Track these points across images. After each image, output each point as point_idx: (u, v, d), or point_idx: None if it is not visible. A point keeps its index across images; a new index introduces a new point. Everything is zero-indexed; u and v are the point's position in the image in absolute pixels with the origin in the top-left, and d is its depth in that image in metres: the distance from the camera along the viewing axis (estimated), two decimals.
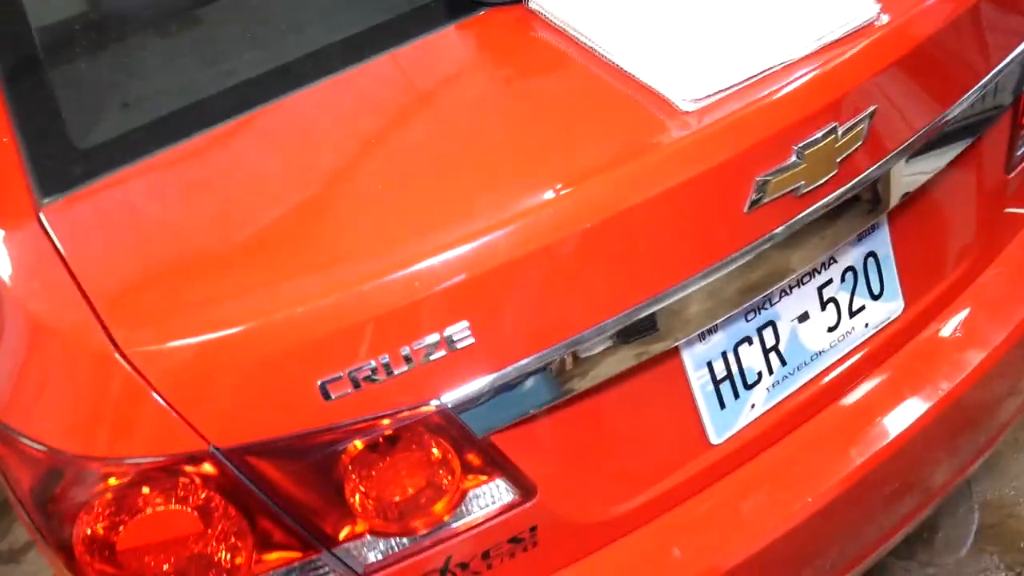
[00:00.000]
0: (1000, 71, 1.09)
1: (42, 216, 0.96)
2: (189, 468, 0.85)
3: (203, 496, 0.86)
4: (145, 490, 0.85)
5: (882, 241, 1.15)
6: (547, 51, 1.03)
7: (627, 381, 0.99)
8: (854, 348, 1.17)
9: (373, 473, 0.90)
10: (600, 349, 0.92)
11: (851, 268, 1.13)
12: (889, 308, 1.18)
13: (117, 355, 0.83)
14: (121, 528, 0.86)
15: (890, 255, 1.16)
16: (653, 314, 0.92)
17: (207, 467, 0.85)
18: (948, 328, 1.24)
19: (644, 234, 0.89)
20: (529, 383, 0.90)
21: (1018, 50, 1.12)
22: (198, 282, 0.88)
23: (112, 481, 0.85)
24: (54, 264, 0.91)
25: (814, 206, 0.97)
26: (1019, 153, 1.24)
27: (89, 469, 0.85)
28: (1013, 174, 1.24)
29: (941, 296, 1.23)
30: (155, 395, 0.82)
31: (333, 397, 0.83)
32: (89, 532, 0.86)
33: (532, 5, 1.07)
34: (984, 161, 1.20)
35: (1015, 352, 1.24)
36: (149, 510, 0.86)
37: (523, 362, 0.88)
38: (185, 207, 0.96)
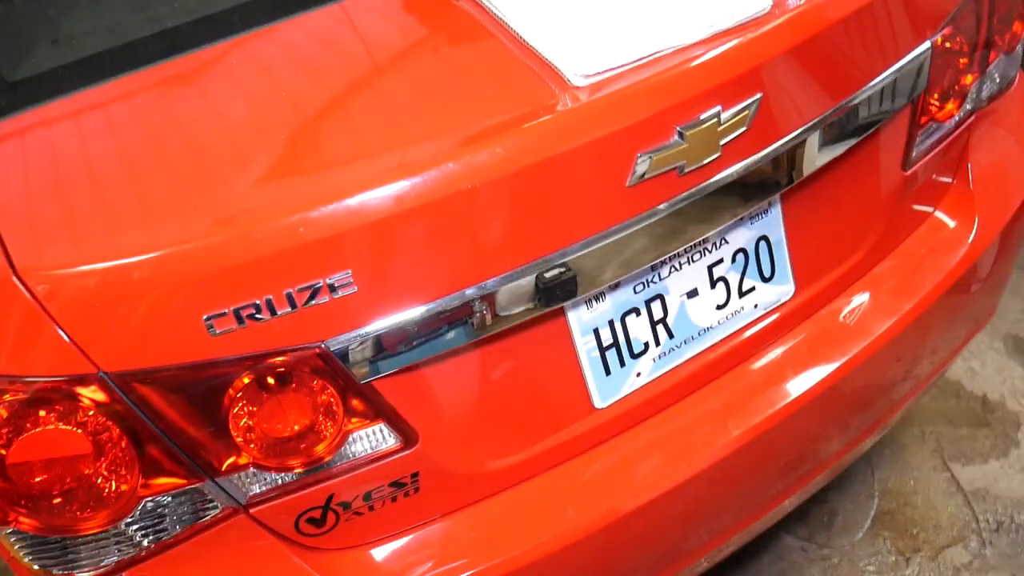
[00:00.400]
0: (891, 74, 1.15)
1: None
2: (79, 390, 0.89)
3: (91, 419, 0.91)
4: (36, 409, 0.90)
5: (775, 226, 1.20)
6: (462, 20, 1.07)
7: (512, 341, 1.04)
8: (743, 327, 1.22)
9: (256, 409, 0.94)
10: (482, 308, 0.97)
11: (742, 250, 1.19)
12: (779, 291, 1.24)
13: (15, 278, 0.87)
14: (12, 443, 0.91)
15: (783, 240, 1.22)
16: (534, 277, 0.97)
17: (96, 390, 0.89)
18: (837, 314, 1.30)
19: (527, 198, 0.94)
20: (410, 334, 0.95)
21: (912, 55, 1.17)
22: (98, 214, 0.92)
23: (6, 397, 0.89)
24: None
25: (697, 186, 1.02)
26: (915, 152, 1.30)
27: None
28: (911, 171, 1.30)
29: (833, 283, 1.29)
30: (49, 318, 0.86)
31: (218, 332, 0.88)
32: None
33: None
34: (881, 157, 1.26)
35: (899, 341, 1.31)
36: (39, 428, 0.90)
37: (404, 313, 0.93)
38: (98, 144, 1.00)
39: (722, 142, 1.00)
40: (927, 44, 1.21)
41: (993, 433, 1.98)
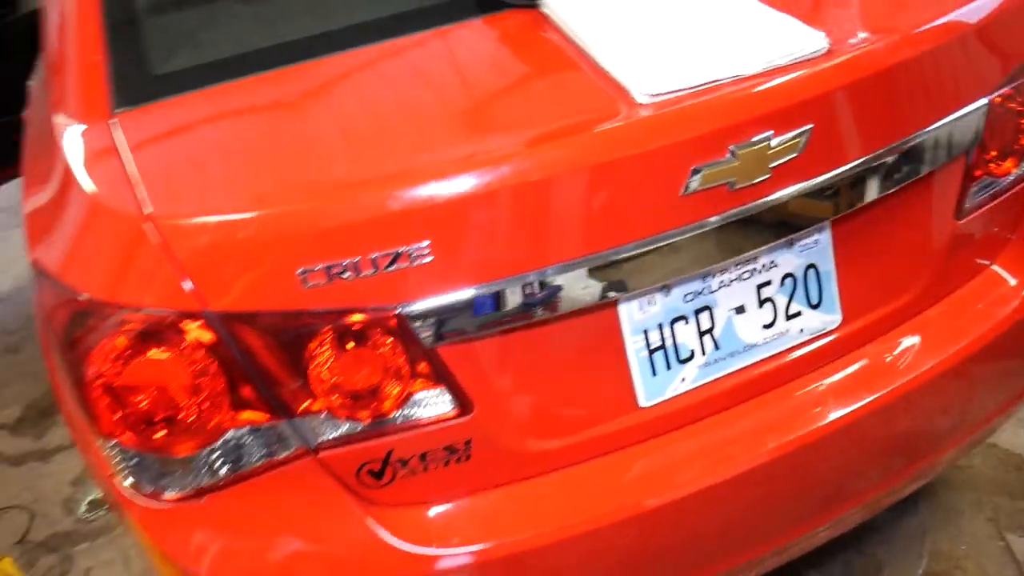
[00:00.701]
0: (943, 125, 1.23)
1: (114, 120, 1.19)
2: (187, 325, 1.04)
3: (194, 352, 1.05)
4: (150, 339, 1.05)
5: (825, 257, 1.28)
6: (546, 45, 1.22)
7: (566, 329, 1.15)
8: (788, 349, 1.30)
9: (333, 360, 1.07)
10: (543, 291, 1.08)
11: (791, 275, 1.27)
12: (826, 319, 1.31)
13: (148, 224, 1.03)
14: (126, 367, 1.06)
15: (832, 271, 1.29)
16: (591, 269, 1.09)
17: (201, 327, 1.04)
18: (883, 349, 1.36)
19: (591, 196, 1.06)
20: (474, 308, 1.07)
21: (966, 109, 1.25)
22: (219, 178, 1.08)
23: (126, 326, 1.05)
24: (115, 160, 1.13)
25: (747, 204, 1.12)
26: (969, 204, 1.36)
27: (111, 312, 1.05)
28: (964, 221, 1.37)
29: (881, 319, 1.35)
30: (170, 259, 1.02)
31: (309, 285, 1.02)
32: (101, 366, 1.06)
33: (544, 9, 1.26)
34: (933, 203, 1.33)
35: (941, 383, 1.35)
36: (150, 356, 1.05)
37: (471, 288, 1.06)
38: (224, 124, 1.18)
39: (772, 164, 1.11)
40: (983, 101, 1.28)
41: None
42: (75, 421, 1.23)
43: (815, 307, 1.30)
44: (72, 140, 1.19)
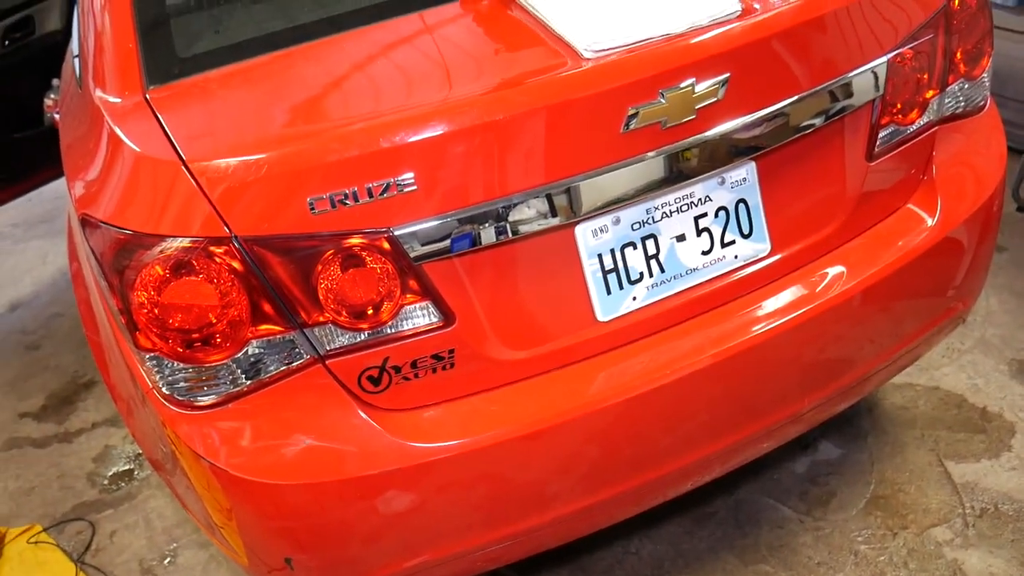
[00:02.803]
0: (848, 77, 1.46)
1: (147, 96, 1.41)
2: (215, 249, 1.26)
3: (222, 272, 1.27)
4: (185, 262, 1.27)
5: (752, 192, 1.51)
6: (510, 18, 1.45)
7: (531, 250, 1.37)
8: (724, 273, 1.52)
9: (337, 277, 1.29)
10: (511, 214, 1.30)
11: (724, 208, 1.49)
12: (756, 247, 1.53)
13: (183, 167, 1.25)
14: (165, 288, 1.27)
15: (759, 205, 1.52)
16: (549, 196, 1.31)
17: (228, 250, 1.26)
18: (809, 274, 1.58)
19: (546, 134, 1.28)
20: (453, 230, 1.29)
21: (869, 65, 1.48)
22: (241, 129, 1.31)
23: (165, 252, 1.26)
24: (151, 122, 1.35)
25: (678, 141, 1.35)
26: (878, 148, 1.59)
27: (152, 243, 1.27)
28: (875, 163, 1.59)
29: (806, 248, 1.57)
30: (202, 195, 1.24)
31: (317, 212, 1.24)
32: (144, 288, 1.27)
33: None
34: (846, 148, 1.56)
35: (861, 301, 1.57)
36: (186, 277, 1.27)
37: (450, 213, 1.28)
38: (241, 92, 1.40)
39: (697, 107, 1.33)
40: (884, 59, 1.52)
41: (988, 438, 2.16)
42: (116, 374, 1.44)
43: (747, 237, 1.52)
44: (114, 112, 1.41)
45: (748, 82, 1.38)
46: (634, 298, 1.47)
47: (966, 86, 1.71)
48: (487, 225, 1.30)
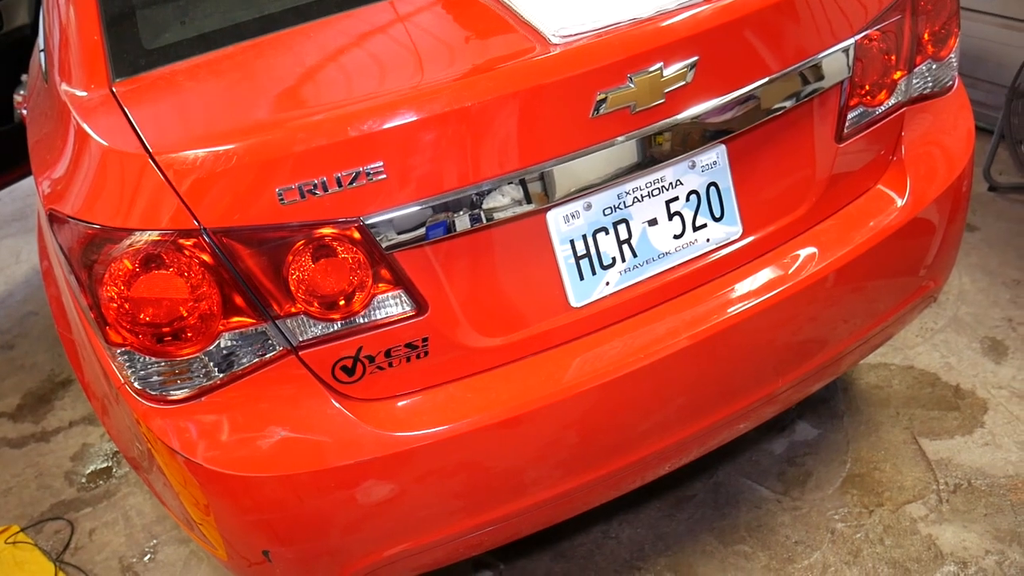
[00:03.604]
0: (814, 59, 1.47)
1: (114, 89, 1.40)
2: (184, 242, 1.25)
3: (191, 265, 1.26)
4: (154, 256, 1.26)
5: (723, 176, 1.51)
6: (479, 5, 1.44)
7: (504, 237, 1.37)
8: (697, 256, 1.53)
9: (307, 267, 1.29)
10: (482, 201, 1.30)
11: (695, 192, 1.50)
12: (728, 230, 1.54)
13: (150, 160, 1.24)
14: (134, 282, 1.26)
15: (730, 188, 1.52)
16: (519, 182, 1.31)
17: (197, 243, 1.25)
18: (781, 255, 1.59)
19: (515, 120, 1.28)
20: (424, 218, 1.28)
21: (835, 47, 1.49)
22: (208, 120, 1.30)
23: (134, 246, 1.25)
24: (118, 115, 1.33)
25: (647, 126, 1.35)
26: (847, 129, 1.60)
27: (120, 237, 1.25)
28: (844, 144, 1.60)
29: (778, 231, 1.58)
30: (170, 187, 1.23)
31: (286, 202, 1.23)
32: (113, 283, 1.26)
33: None
34: (816, 130, 1.57)
35: (833, 281, 1.58)
36: (155, 271, 1.26)
37: (420, 201, 1.28)
38: (208, 83, 1.38)
39: (666, 91, 1.34)
40: (851, 41, 1.52)
41: (961, 415, 2.19)
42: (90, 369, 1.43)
43: (718, 220, 1.53)
44: (81, 106, 1.39)
45: (717, 65, 1.38)
46: (607, 283, 1.47)
47: (934, 67, 1.73)
48: (458, 213, 1.30)
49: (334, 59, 1.39)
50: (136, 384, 1.34)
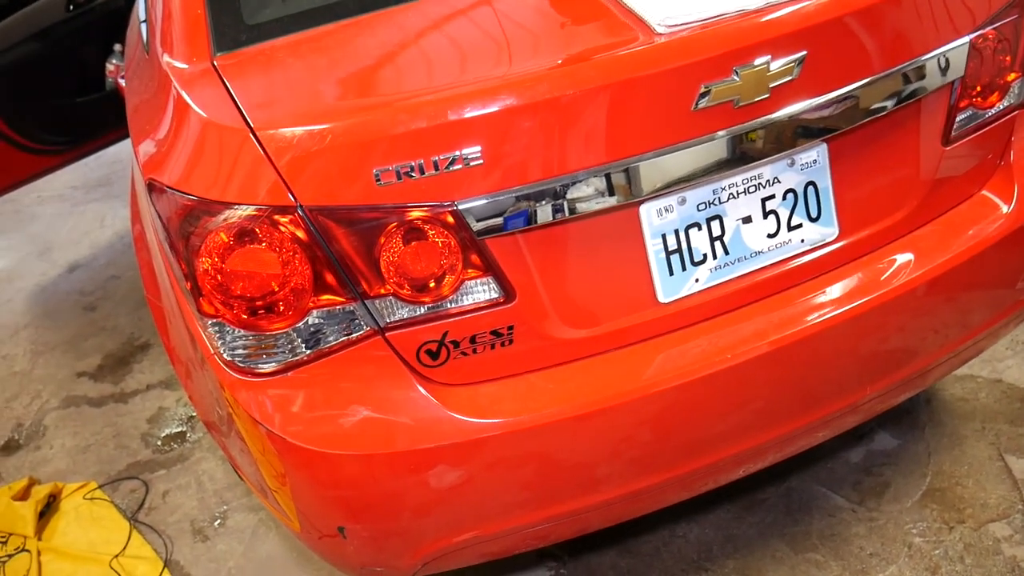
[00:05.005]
0: (925, 58, 1.41)
1: (215, 62, 1.41)
2: (280, 218, 1.26)
3: (286, 241, 1.27)
4: (250, 231, 1.27)
5: (823, 175, 1.47)
6: None
7: (595, 228, 1.35)
8: (790, 256, 1.48)
9: (400, 249, 1.29)
10: (576, 191, 1.28)
11: (792, 191, 1.45)
12: (824, 232, 1.49)
13: (251, 134, 1.25)
14: (230, 255, 1.28)
15: (829, 188, 1.48)
16: (615, 174, 1.29)
17: (292, 219, 1.26)
18: (877, 260, 1.53)
19: (615, 110, 1.26)
20: (517, 206, 1.27)
21: (948, 46, 1.43)
22: (307, 97, 1.30)
23: (231, 220, 1.27)
24: (219, 88, 1.35)
25: (750, 121, 1.31)
26: (955, 132, 1.53)
27: (218, 209, 1.27)
28: (951, 147, 1.54)
29: (876, 234, 1.53)
30: (271, 164, 1.24)
31: (383, 183, 1.23)
32: (208, 255, 1.28)
33: None
34: (922, 130, 1.51)
35: (929, 291, 1.52)
36: (250, 245, 1.27)
37: (514, 189, 1.26)
38: (308, 60, 1.39)
39: (771, 85, 1.30)
40: (965, 39, 1.46)
41: None
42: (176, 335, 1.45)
43: (814, 220, 1.49)
44: (182, 77, 1.42)
45: (824, 61, 1.34)
46: (697, 280, 1.44)
47: None
48: (552, 202, 1.28)
49: (433, 41, 1.39)
50: (225, 355, 1.36)
